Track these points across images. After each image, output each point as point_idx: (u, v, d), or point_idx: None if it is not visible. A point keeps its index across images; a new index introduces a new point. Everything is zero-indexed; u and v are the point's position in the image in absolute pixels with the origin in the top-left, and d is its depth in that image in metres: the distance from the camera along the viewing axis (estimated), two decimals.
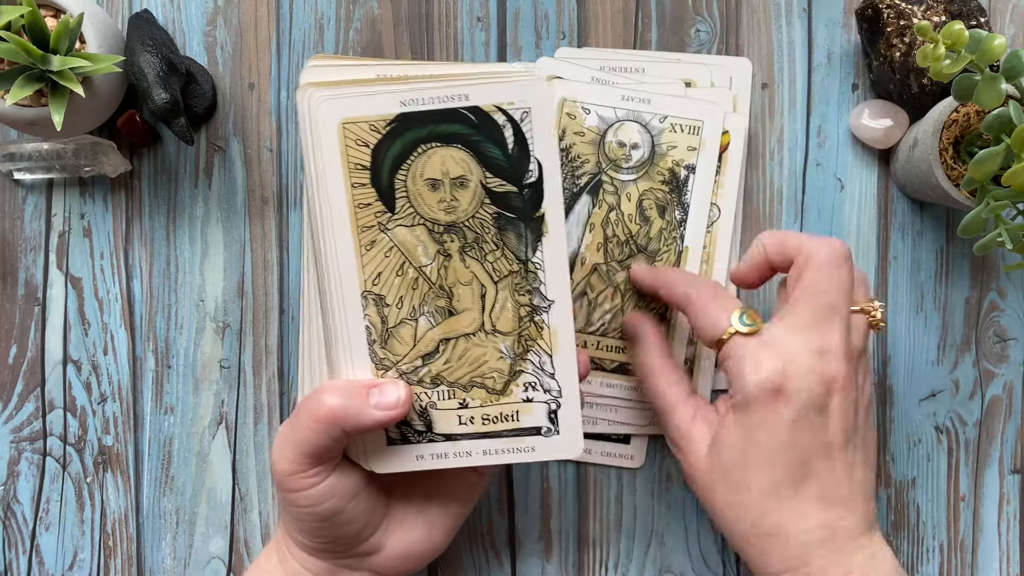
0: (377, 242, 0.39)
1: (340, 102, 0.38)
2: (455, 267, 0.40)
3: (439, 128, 0.38)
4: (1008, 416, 0.53)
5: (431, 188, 0.39)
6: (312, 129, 0.38)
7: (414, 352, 0.40)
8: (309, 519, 0.40)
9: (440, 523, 0.44)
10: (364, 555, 0.43)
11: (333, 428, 0.38)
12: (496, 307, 0.40)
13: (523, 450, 0.41)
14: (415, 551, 0.44)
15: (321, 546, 0.42)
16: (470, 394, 0.41)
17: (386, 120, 0.38)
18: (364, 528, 0.42)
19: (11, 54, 0.42)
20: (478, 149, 0.39)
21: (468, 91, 0.38)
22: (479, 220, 0.39)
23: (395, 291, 0.40)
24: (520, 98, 0.38)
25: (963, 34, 0.41)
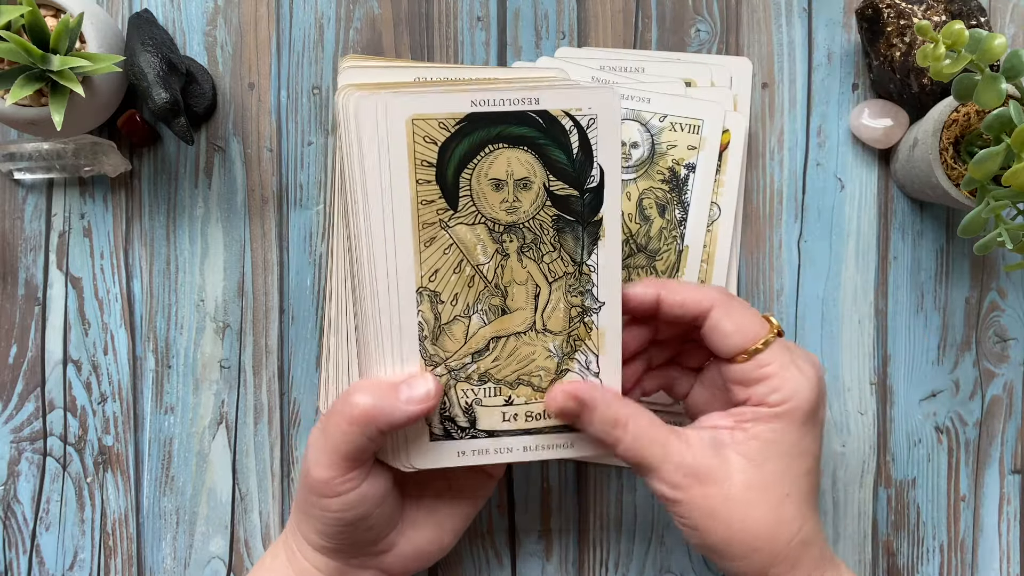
0: (436, 239, 0.39)
1: (411, 98, 0.38)
2: (512, 266, 0.40)
3: (507, 130, 0.39)
4: (1008, 416, 0.53)
5: (495, 188, 0.40)
6: (379, 125, 0.38)
7: (464, 349, 0.41)
8: (336, 523, 0.40)
9: (449, 523, 0.45)
10: (377, 554, 0.43)
11: (368, 428, 0.38)
12: (549, 307, 0.41)
13: (562, 446, 0.42)
14: (424, 551, 0.44)
15: (337, 547, 0.42)
16: (516, 391, 0.41)
17: (456, 119, 0.38)
18: (383, 529, 0.42)
19: (11, 54, 0.42)
20: (543, 152, 0.39)
21: (539, 95, 0.39)
22: (539, 221, 0.40)
23: (451, 288, 0.40)
24: (588, 105, 0.39)
25: (963, 34, 0.41)
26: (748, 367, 0.40)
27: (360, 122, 0.38)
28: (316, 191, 0.53)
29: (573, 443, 0.42)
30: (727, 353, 0.41)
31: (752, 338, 0.40)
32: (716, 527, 0.39)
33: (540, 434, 0.42)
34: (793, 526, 0.39)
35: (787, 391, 0.39)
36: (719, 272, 0.50)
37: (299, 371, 0.53)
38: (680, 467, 0.39)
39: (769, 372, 0.40)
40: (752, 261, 0.53)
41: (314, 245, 0.53)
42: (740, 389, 0.40)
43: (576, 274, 0.41)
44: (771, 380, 0.39)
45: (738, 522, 0.38)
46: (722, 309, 0.40)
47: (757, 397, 0.40)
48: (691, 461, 0.39)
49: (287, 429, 0.53)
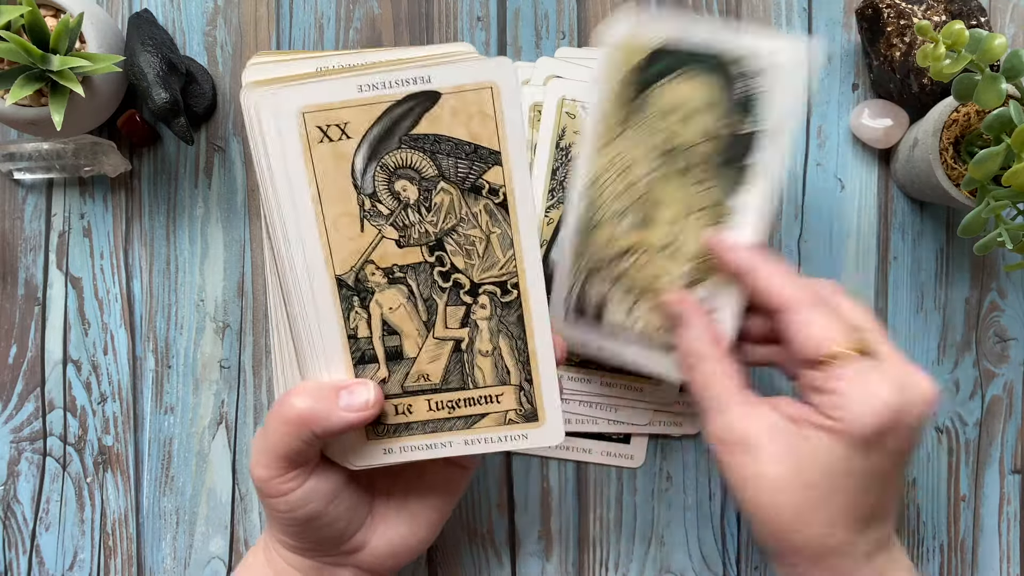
0: (610, 144, 0.43)
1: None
2: (664, 187, 0.43)
3: (697, 59, 0.42)
4: (1008, 416, 0.53)
5: (672, 111, 0.43)
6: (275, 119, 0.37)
7: (607, 248, 0.44)
8: (290, 522, 0.40)
9: (423, 518, 0.44)
10: (349, 552, 0.43)
11: (303, 431, 0.37)
12: (681, 238, 0.44)
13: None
14: (401, 546, 0.43)
15: (305, 546, 0.42)
16: (637, 303, 0.44)
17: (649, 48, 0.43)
18: (347, 528, 0.42)
19: (11, 54, 0.42)
20: (726, 91, 0.42)
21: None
22: (700, 153, 0.43)
23: (611, 189, 0.43)
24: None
25: (963, 34, 0.41)
26: (817, 375, 0.39)
27: (260, 118, 0.37)
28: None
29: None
30: (796, 356, 0.40)
31: (824, 351, 0.39)
32: (746, 495, 0.39)
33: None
34: (815, 530, 0.38)
35: (847, 411, 0.38)
36: None
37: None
38: (729, 428, 0.40)
39: (836, 388, 0.38)
40: None
41: None
42: (809, 393, 0.40)
43: (716, 210, 0.43)
44: (835, 396, 0.38)
45: (765, 501, 0.39)
46: (798, 314, 0.39)
47: (822, 406, 0.39)
48: (743, 429, 0.39)
49: None
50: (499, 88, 0.37)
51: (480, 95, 0.37)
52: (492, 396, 0.40)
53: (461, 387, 0.40)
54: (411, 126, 0.38)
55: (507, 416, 0.40)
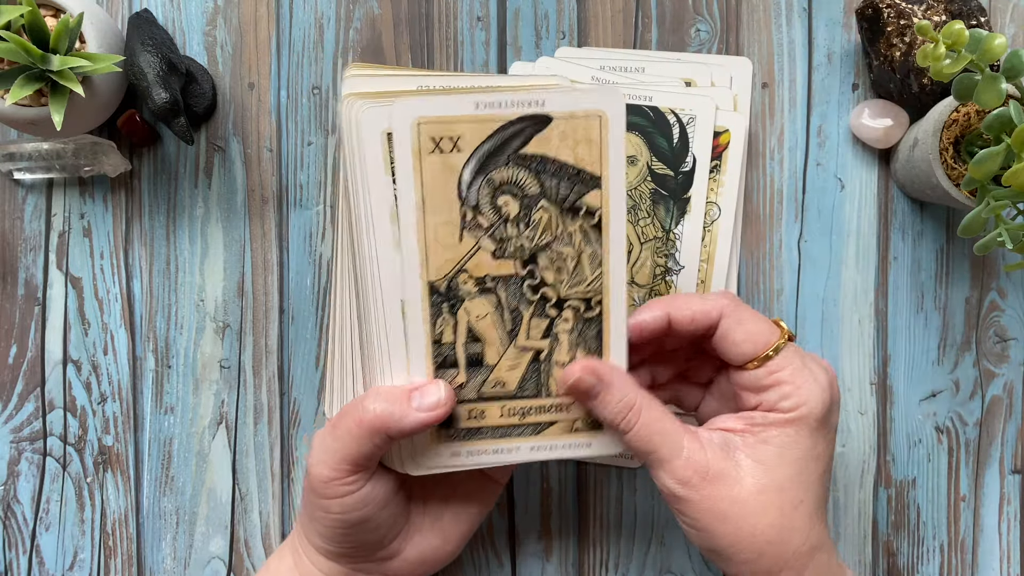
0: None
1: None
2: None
3: (630, 119, 0.49)
4: (1008, 416, 0.53)
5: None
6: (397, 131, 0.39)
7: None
8: (338, 525, 0.40)
9: (455, 530, 0.44)
10: (382, 560, 0.43)
11: (377, 434, 0.38)
12: (638, 263, 0.50)
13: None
14: (429, 557, 0.44)
15: (342, 551, 0.42)
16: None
17: None
18: (387, 534, 0.42)
19: (11, 54, 0.42)
20: (651, 138, 0.50)
21: (652, 94, 0.49)
22: (639, 192, 0.49)
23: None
24: (691, 108, 0.49)
25: (963, 34, 0.41)
26: (759, 374, 0.39)
27: (368, 131, 0.38)
28: (316, 191, 0.53)
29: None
30: (738, 361, 0.40)
31: (763, 344, 0.39)
32: (723, 529, 0.38)
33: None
34: (803, 533, 0.39)
35: (799, 397, 0.39)
36: (719, 272, 0.50)
37: (299, 371, 0.53)
38: (690, 463, 0.38)
39: (781, 378, 0.39)
40: (752, 261, 0.53)
41: (314, 245, 0.53)
42: (751, 395, 0.40)
43: (664, 239, 0.49)
44: (783, 386, 0.39)
45: (747, 526, 0.38)
46: (731, 317, 0.40)
47: (769, 403, 0.39)
48: (702, 459, 0.38)
49: (287, 429, 0.53)
50: (607, 117, 0.39)
51: (589, 122, 0.39)
52: (563, 405, 0.41)
53: (535, 395, 0.41)
54: (520, 145, 0.39)
55: (574, 424, 0.41)
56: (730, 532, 0.38)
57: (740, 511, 0.38)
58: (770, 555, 0.38)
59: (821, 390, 0.39)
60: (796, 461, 0.39)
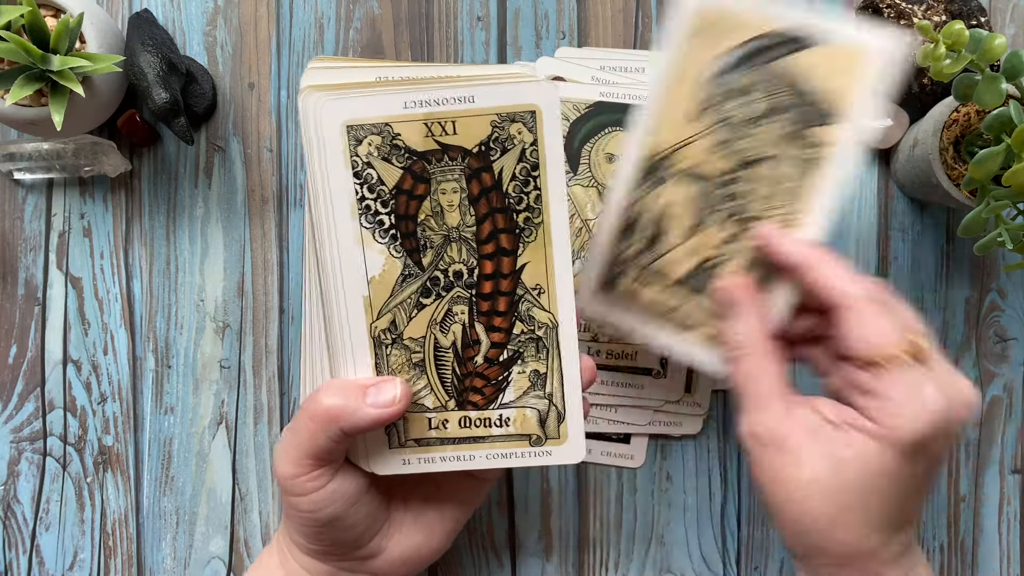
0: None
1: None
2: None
3: (624, 117, 0.50)
4: (1008, 416, 0.53)
5: (608, 161, 0.50)
6: (319, 126, 0.38)
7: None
8: (310, 523, 0.40)
9: (439, 527, 0.44)
10: (364, 558, 0.43)
11: (330, 428, 0.38)
12: None
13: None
14: (414, 555, 0.44)
15: (321, 549, 0.42)
16: None
17: (587, 104, 0.50)
18: (365, 532, 0.42)
19: (11, 54, 0.42)
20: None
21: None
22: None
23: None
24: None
25: (963, 34, 0.41)
26: (866, 377, 0.38)
27: (311, 123, 0.37)
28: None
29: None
30: (848, 354, 0.39)
31: (877, 352, 0.38)
32: (775, 495, 0.38)
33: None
34: (849, 535, 0.38)
35: (895, 417, 0.37)
36: None
37: (299, 371, 0.53)
38: (767, 425, 0.39)
39: (885, 392, 0.37)
40: None
41: None
42: (855, 393, 0.39)
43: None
44: (883, 400, 0.37)
45: (796, 503, 0.38)
46: (855, 311, 0.38)
47: (867, 409, 0.38)
48: (781, 429, 0.38)
49: None
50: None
51: (851, 56, 0.39)
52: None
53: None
54: (781, 55, 0.41)
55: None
56: (780, 500, 0.38)
57: (793, 489, 0.38)
58: (809, 540, 0.38)
59: (923, 418, 0.37)
60: (868, 474, 0.37)
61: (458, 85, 0.37)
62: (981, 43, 0.41)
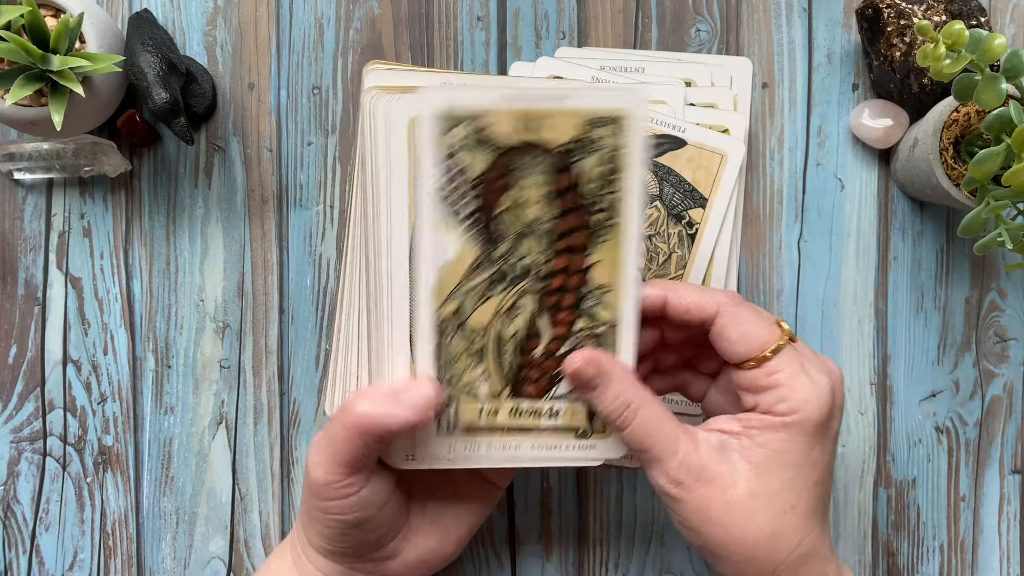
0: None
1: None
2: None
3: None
4: (1008, 416, 0.53)
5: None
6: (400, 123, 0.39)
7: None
8: (336, 525, 0.40)
9: (454, 532, 0.44)
10: (381, 560, 0.43)
11: (366, 436, 0.38)
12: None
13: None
14: (429, 558, 0.44)
15: (340, 550, 0.42)
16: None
17: None
18: (386, 534, 0.42)
19: (11, 54, 0.42)
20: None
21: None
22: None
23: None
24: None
25: (963, 34, 0.41)
26: (756, 374, 0.39)
27: (395, 110, 0.38)
28: (316, 191, 0.53)
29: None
30: (734, 360, 0.40)
31: (759, 345, 0.39)
32: (714, 531, 0.38)
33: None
34: (794, 538, 0.38)
35: (796, 401, 0.38)
36: (719, 272, 0.50)
37: (299, 371, 0.53)
38: (684, 464, 0.38)
39: (778, 380, 0.38)
40: (752, 261, 0.53)
41: (314, 245, 0.53)
42: (748, 395, 0.40)
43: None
44: (780, 389, 0.38)
45: (737, 529, 0.38)
46: (728, 316, 0.39)
47: (765, 405, 0.39)
48: (696, 461, 0.38)
49: (287, 429, 0.53)
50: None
51: (712, 156, 0.42)
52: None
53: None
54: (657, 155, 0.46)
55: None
56: (720, 534, 0.38)
57: (730, 515, 0.38)
58: (761, 560, 0.38)
59: (820, 395, 0.38)
60: (790, 466, 0.38)
61: (553, 87, 0.39)
62: (981, 43, 0.41)
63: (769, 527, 0.38)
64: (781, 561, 0.38)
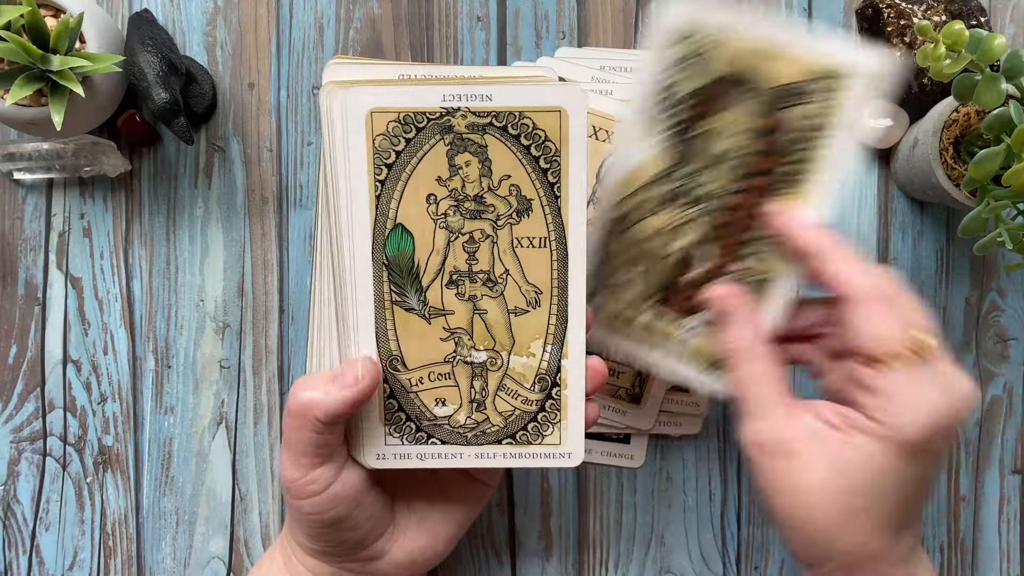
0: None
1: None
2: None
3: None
4: (1008, 416, 0.53)
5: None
6: (345, 118, 0.38)
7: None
8: (315, 525, 0.40)
9: (442, 531, 0.44)
10: (368, 560, 0.43)
11: (307, 419, 0.38)
12: None
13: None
14: (418, 558, 0.44)
15: (325, 550, 0.42)
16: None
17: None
18: (369, 534, 0.42)
19: (11, 54, 0.42)
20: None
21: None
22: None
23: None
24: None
25: (963, 34, 0.41)
26: (868, 374, 0.38)
27: (336, 116, 0.37)
28: (316, 191, 0.53)
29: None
30: (851, 349, 0.39)
31: (879, 348, 0.37)
32: (780, 503, 0.38)
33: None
34: (856, 538, 0.38)
35: (897, 416, 0.37)
36: None
37: (299, 371, 0.53)
38: (770, 432, 0.39)
39: (886, 389, 0.37)
40: None
41: (314, 245, 0.53)
42: (858, 392, 0.38)
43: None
44: (884, 398, 0.37)
45: (802, 509, 0.38)
46: (866, 305, 0.38)
47: (870, 408, 0.38)
48: (784, 434, 0.38)
49: None
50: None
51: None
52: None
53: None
54: None
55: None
56: (785, 506, 0.38)
57: (797, 494, 0.38)
58: (819, 544, 0.38)
59: (928, 418, 0.37)
60: (874, 473, 0.37)
61: (794, 24, 0.39)
62: (981, 43, 0.41)
63: (831, 519, 0.37)
64: (837, 554, 0.38)
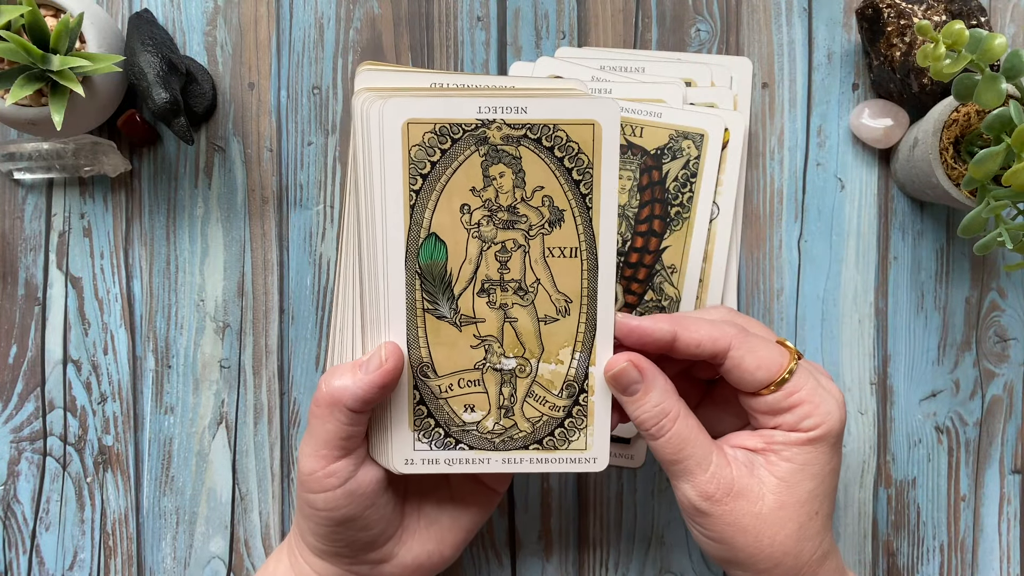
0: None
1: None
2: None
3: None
4: (1008, 416, 0.53)
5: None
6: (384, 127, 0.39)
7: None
8: (327, 523, 0.40)
9: (450, 536, 0.44)
10: (375, 562, 0.43)
11: (335, 408, 0.38)
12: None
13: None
14: (425, 562, 0.44)
15: (334, 550, 0.42)
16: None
17: None
18: (379, 536, 0.42)
19: (11, 54, 0.42)
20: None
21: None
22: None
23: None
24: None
25: (963, 34, 0.41)
26: (777, 397, 0.39)
27: (373, 125, 0.38)
28: (316, 191, 0.53)
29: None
30: (753, 388, 0.40)
31: (776, 370, 0.39)
32: (743, 542, 0.39)
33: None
34: (816, 541, 0.40)
35: (819, 416, 0.39)
36: (718, 271, 0.50)
37: (299, 371, 0.53)
38: (716, 478, 0.39)
39: (799, 399, 0.39)
40: (752, 261, 0.53)
41: (314, 245, 0.53)
42: (768, 418, 0.40)
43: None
44: (802, 407, 0.39)
45: (767, 539, 0.39)
46: (742, 347, 0.39)
47: (789, 424, 0.39)
48: (728, 475, 0.39)
49: (287, 429, 0.53)
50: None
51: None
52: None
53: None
54: None
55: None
56: (750, 544, 0.39)
57: (760, 525, 0.39)
58: (786, 564, 0.39)
59: (838, 406, 0.40)
60: (815, 476, 0.39)
61: (652, 101, 0.49)
62: (981, 43, 0.41)
63: (796, 534, 0.39)
64: (805, 562, 0.40)
